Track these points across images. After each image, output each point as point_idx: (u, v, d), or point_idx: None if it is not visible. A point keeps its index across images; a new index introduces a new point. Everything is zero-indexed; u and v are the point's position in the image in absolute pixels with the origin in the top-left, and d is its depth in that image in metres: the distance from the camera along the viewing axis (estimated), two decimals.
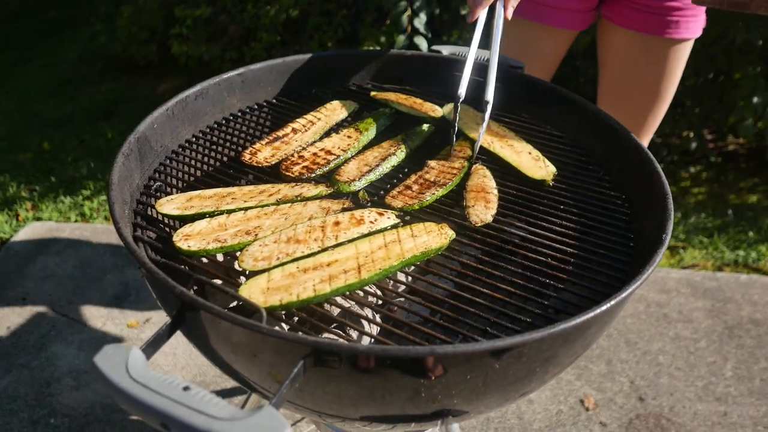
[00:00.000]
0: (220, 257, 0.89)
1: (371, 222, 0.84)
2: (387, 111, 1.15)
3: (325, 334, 0.74)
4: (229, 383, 1.76)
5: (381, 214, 0.86)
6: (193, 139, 1.07)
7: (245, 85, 1.15)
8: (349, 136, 1.06)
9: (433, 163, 1.01)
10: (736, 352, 1.86)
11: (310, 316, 0.74)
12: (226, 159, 1.06)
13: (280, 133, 1.06)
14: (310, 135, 1.07)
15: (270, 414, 0.51)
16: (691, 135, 2.71)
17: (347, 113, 1.16)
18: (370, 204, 0.93)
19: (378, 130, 1.11)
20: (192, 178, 1.00)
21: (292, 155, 1.01)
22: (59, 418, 1.65)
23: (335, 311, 0.80)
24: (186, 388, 0.53)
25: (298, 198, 0.90)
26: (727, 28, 2.35)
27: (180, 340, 0.81)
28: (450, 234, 0.83)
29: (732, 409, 1.68)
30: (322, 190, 0.92)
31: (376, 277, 0.74)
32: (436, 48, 1.24)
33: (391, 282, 0.83)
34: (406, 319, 0.75)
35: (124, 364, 0.55)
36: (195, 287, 0.79)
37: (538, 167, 1.00)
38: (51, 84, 3.95)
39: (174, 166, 1.01)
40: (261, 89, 1.19)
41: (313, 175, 0.96)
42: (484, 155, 1.05)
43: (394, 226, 0.84)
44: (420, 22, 2.51)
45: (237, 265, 0.77)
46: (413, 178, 0.97)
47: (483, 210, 0.90)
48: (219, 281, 0.79)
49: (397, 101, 1.17)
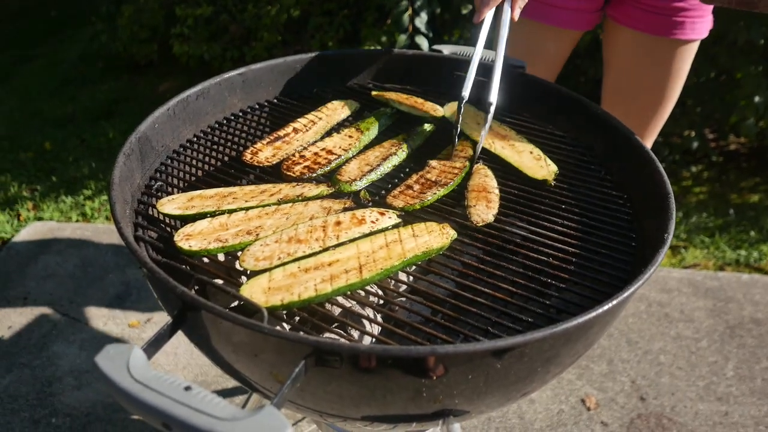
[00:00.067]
0: (221, 257, 0.89)
1: (372, 222, 0.84)
2: (388, 111, 1.15)
3: (327, 334, 0.74)
4: (230, 383, 1.76)
5: (382, 214, 0.86)
6: (195, 138, 1.07)
7: (246, 84, 1.15)
8: (350, 136, 1.06)
9: (434, 162, 1.01)
10: (738, 351, 1.86)
11: (312, 315, 0.74)
12: (227, 159, 1.06)
13: (282, 132, 1.06)
14: (311, 135, 1.07)
15: (271, 414, 0.51)
16: (693, 134, 2.71)
17: (348, 113, 1.16)
18: (371, 204, 0.93)
19: (379, 129, 1.11)
20: (193, 178, 1.00)
21: (294, 155, 1.01)
22: (61, 418, 1.65)
23: (336, 311, 0.80)
24: (187, 388, 0.53)
25: (300, 198, 0.90)
26: (729, 27, 2.34)
27: (181, 339, 0.81)
28: (451, 234, 0.83)
29: (733, 409, 1.68)
30: (323, 189, 0.92)
31: (377, 277, 0.74)
32: (437, 47, 1.24)
33: (393, 282, 0.83)
34: (408, 318, 0.75)
35: (126, 363, 0.55)
36: (196, 287, 0.79)
37: (540, 167, 1.00)
38: (52, 83, 3.95)
39: (175, 165, 1.01)
40: (262, 89, 1.19)
41: (314, 174, 0.96)
42: (485, 155, 1.05)
43: (396, 226, 0.84)
44: (421, 22, 2.51)
45: (238, 265, 0.77)
46: (414, 177, 0.97)
47: (484, 210, 0.89)
48: (220, 281, 0.79)
49: (398, 101, 1.16)
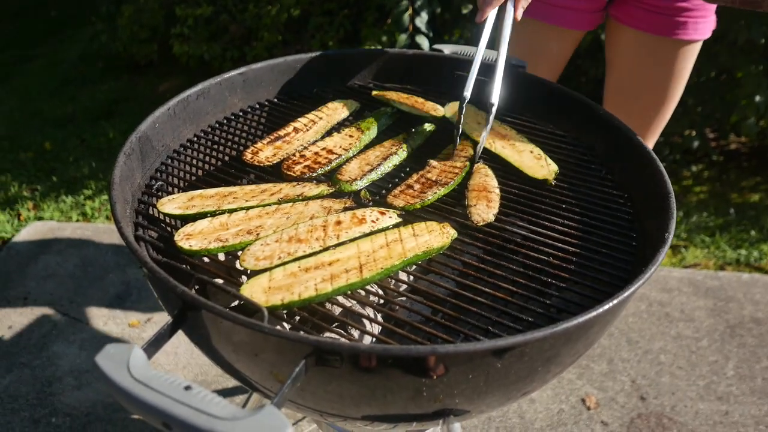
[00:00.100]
0: (221, 257, 0.89)
1: (373, 221, 0.84)
2: (388, 110, 1.15)
3: (327, 334, 0.74)
4: (231, 382, 1.76)
5: (383, 214, 0.86)
6: (195, 138, 1.07)
7: (246, 84, 1.15)
8: (350, 136, 1.06)
9: (434, 162, 1.01)
10: (738, 351, 1.86)
11: (312, 315, 0.74)
12: (227, 158, 1.06)
13: (282, 132, 1.06)
14: (311, 134, 1.07)
15: (272, 413, 0.51)
16: (693, 134, 2.71)
17: (348, 112, 1.16)
18: (371, 203, 0.93)
19: (379, 129, 1.11)
20: (193, 178, 1.00)
21: (294, 154, 1.00)
22: (61, 418, 1.65)
23: (337, 310, 0.80)
24: (187, 388, 0.53)
25: (300, 197, 0.90)
26: (730, 26, 2.34)
27: (181, 339, 0.81)
28: (452, 233, 0.83)
29: (734, 409, 1.68)
30: (323, 189, 0.92)
31: (377, 277, 0.74)
32: (437, 47, 1.24)
33: (393, 281, 0.83)
34: (408, 318, 0.75)
35: (126, 363, 0.55)
36: (196, 287, 0.79)
37: (540, 166, 1.00)
38: (52, 83, 3.95)
39: (175, 165, 1.01)
40: (262, 89, 1.19)
41: (314, 174, 0.96)
42: (485, 154, 1.05)
43: (396, 226, 0.84)
44: (421, 21, 2.51)
45: (238, 265, 0.77)
46: (415, 177, 0.97)
47: (485, 209, 0.89)
48: (220, 281, 0.79)
49: (399, 100, 1.16)
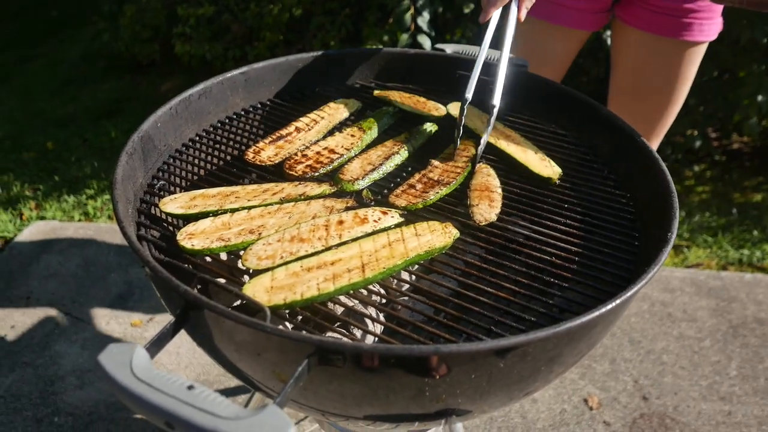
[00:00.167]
0: (223, 256, 0.89)
1: (375, 221, 0.83)
2: (390, 110, 1.15)
3: (329, 333, 0.73)
4: (233, 382, 1.76)
5: (385, 213, 0.86)
6: (197, 137, 1.07)
7: (248, 84, 1.15)
8: (352, 135, 1.06)
9: (436, 162, 1.00)
10: (741, 351, 1.86)
11: (314, 314, 0.74)
12: (229, 158, 1.06)
13: (284, 131, 1.06)
14: (313, 134, 1.07)
15: (274, 413, 0.51)
16: (696, 133, 2.70)
17: (350, 112, 1.16)
18: (373, 203, 0.93)
19: (381, 129, 1.11)
20: (195, 177, 1.00)
21: (296, 154, 1.00)
22: (63, 417, 1.65)
23: (339, 310, 0.80)
24: (190, 387, 0.53)
25: (302, 197, 0.90)
26: (732, 26, 2.34)
27: (184, 339, 0.81)
28: (454, 233, 0.83)
29: (736, 409, 1.68)
30: (325, 188, 0.92)
31: (380, 276, 0.74)
32: (439, 46, 1.24)
33: (395, 281, 0.83)
34: (410, 318, 0.75)
35: (129, 362, 0.55)
36: (199, 286, 0.79)
37: (544, 166, 1.00)
38: (54, 83, 3.96)
39: (177, 164, 1.01)
40: (264, 88, 1.19)
41: (316, 173, 0.96)
42: (488, 153, 1.05)
43: (398, 225, 0.84)
44: (423, 21, 2.51)
45: (241, 264, 0.77)
46: (417, 177, 0.97)
47: (487, 209, 0.89)
48: (223, 280, 0.79)
49: (401, 100, 1.16)
